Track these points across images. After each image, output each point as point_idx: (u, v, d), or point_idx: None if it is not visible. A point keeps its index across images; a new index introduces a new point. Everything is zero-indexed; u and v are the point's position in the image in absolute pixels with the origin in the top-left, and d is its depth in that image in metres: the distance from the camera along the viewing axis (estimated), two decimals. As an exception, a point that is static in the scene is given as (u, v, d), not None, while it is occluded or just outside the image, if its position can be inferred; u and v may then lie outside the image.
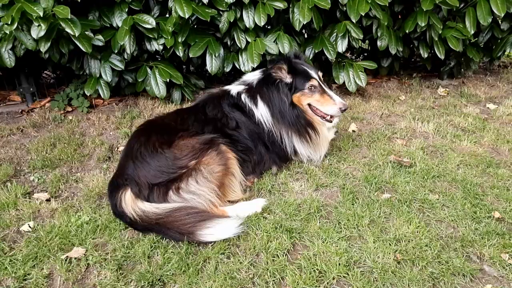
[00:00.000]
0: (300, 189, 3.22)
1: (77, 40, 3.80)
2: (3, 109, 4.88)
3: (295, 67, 3.28)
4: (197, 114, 3.27)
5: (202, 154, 2.97)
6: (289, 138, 3.30)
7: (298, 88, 3.25)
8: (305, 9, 4.05)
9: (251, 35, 4.34)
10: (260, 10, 4.09)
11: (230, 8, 4.20)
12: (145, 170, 2.85)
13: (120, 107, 4.89)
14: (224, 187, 3.01)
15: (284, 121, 3.23)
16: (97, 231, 2.82)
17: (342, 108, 3.23)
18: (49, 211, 3.06)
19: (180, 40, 4.19)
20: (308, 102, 3.28)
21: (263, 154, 3.35)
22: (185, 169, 2.88)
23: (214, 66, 4.42)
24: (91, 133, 4.30)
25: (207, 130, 3.17)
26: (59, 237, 2.76)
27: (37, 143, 4.03)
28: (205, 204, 2.83)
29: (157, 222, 2.68)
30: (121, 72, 4.64)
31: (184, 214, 2.70)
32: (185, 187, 2.84)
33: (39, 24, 3.54)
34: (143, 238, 2.71)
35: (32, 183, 3.45)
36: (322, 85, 3.29)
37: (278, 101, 3.22)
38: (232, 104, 3.32)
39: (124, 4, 4.09)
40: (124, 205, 2.77)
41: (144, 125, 3.27)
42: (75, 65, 4.44)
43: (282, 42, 4.27)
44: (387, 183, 3.29)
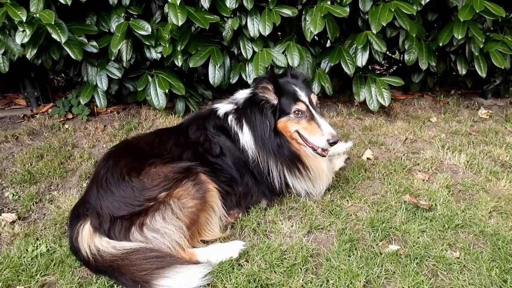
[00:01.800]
0: (290, 230, 2.74)
1: (66, 46, 3.53)
2: (7, 113, 4.76)
3: (282, 87, 2.79)
4: (178, 136, 2.87)
5: (176, 185, 2.58)
6: (277, 171, 2.82)
7: (284, 112, 2.76)
8: (318, 17, 3.54)
9: (258, 44, 3.90)
10: (265, 18, 3.63)
11: (234, 14, 3.78)
12: (108, 200, 2.50)
13: (121, 116, 4.61)
14: (198, 225, 2.59)
15: (266, 150, 2.76)
16: (50, 267, 2.50)
17: (330, 140, 2.68)
18: (10, 236, 2.79)
19: (180, 49, 3.83)
20: (296, 129, 2.78)
21: (251, 186, 2.90)
22: (153, 202, 2.50)
23: (217, 77, 4.02)
24: (83, 145, 4.05)
25: (186, 156, 2.77)
26: (8, 271, 2.47)
27: (25, 154, 3.82)
28: (170, 245, 2.42)
29: (111, 264, 2.31)
30: (122, 80, 4.36)
31: (141, 258, 2.31)
32: (150, 224, 2.46)
33: (24, 29, 3.31)
34: (95, 281, 2.36)
35: (6, 199, 3.22)
36: (311, 110, 2.77)
37: (260, 126, 2.74)
38: (218, 126, 2.90)
39: (121, 9, 3.79)
40: (80, 239, 2.44)
41: (117, 146, 2.93)
42: (72, 72, 4.20)
43: (292, 53, 3.79)
44: (397, 230, 2.72)
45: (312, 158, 2.90)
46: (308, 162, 2.89)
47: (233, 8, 3.60)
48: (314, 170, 2.92)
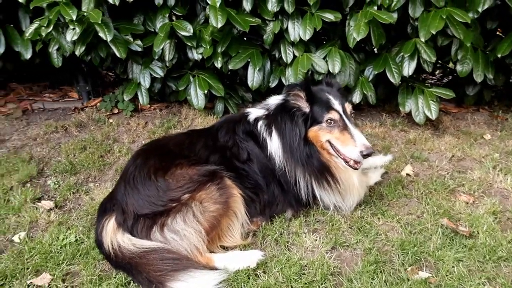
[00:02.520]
0: (313, 244, 2.63)
1: (112, 44, 3.67)
2: (61, 105, 5.05)
3: (315, 94, 2.69)
4: (208, 138, 2.87)
5: (199, 187, 2.58)
6: (305, 181, 2.72)
7: (316, 121, 2.65)
8: (362, 22, 3.37)
9: (299, 48, 3.80)
10: (306, 22, 3.53)
11: (276, 17, 3.71)
12: (134, 197, 2.55)
13: (163, 114, 4.72)
14: (218, 230, 2.57)
15: (294, 159, 2.66)
16: (76, 257, 2.61)
17: (363, 151, 2.53)
18: (45, 223, 2.94)
19: (220, 50, 3.83)
20: (328, 139, 2.67)
21: (277, 195, 2.82)
22: (176, 203, 2.52)
23: (256, 81, 3.98)
24: (123, 140, 4.19)
25: (213, 159, 2.76)
26: (38, 257, 2.60)
27: (70, 145, 4.02)
28: (188, 248, 2.42)
29: (130, 261, 2.36)
30: (165, 79, 4.46)
31: (158, 258, 2.33)
32: (170, 225, 2.47)
33: (74, 27, 3.48)
34: (114, 276, 2.41)
35: (47, 187, 3.40)
36: (344, 119, 2.64)
37: (290, 134, 2.66)
38: (247, 131, 2.85)
39: (166, 9, 3.87)
40: (105, 234, 2.51)
41: (148, 145, 2.98)
42: (119, 69, 4.36)
43: (333, 59, 3.65)
44: (429, 255, 2.52)
45: (343, 171, 2.77)
46: (338, 174, 2.76)
47: (274, 11, 3.53)
48: (344, 183, 2.79)
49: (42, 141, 4.16)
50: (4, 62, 4.58)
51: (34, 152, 3.96)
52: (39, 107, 5.00)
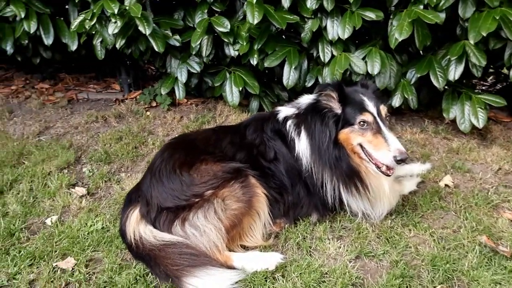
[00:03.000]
0: (336, 252, 2.52)
1: (151, 38, 3.74)
2: (104, 96, 5.24)
3: (348, 95, 2.58)
4: (235, 135, 2.84)
5: (223, 184, 2.56)
6: (332, 185, 2.61)
7: (348, 123, 2.54)
8: (405, 22, 3.18)
9: (338, 48, 3.67)
10: (346, 21, 3.39)
11: (315, 15, 3.61)
12: (158, 190, 2.57)
13: (198, 109, 4.76)
14: (239, 229, 2.54)
15: (322, 161, 2.56)
16: (100, 244, 2.68)
17: (397, 156, 2.38)
18: (76, 209, 3.05)
19: (256, 47, 3.79)
20: (359, 142, 2.54)
21: (302, 197, 2.74)
22: (198, 198, 2.51)
23: (291, 79, 3.89)
24: (158, 133, 4.26)
25: (239, 156, 2.72)
26: (66, 241, 2.70)
27: (107, 135, 4.15)
28: (208, 245, 2.40)
29: (149, 253, 2.38)
30: (202, 74, 4.49)
31: (177, 253, 2.34)
32: (192, 220, 2.47)
33: (116, 21, 3.57)
34: (134, 266, 2.45)
35: (82, 174, 3.53)
36: (378, 122, 2.50)
37: (319, 135, 2.56)
38: (276, 130, 2.79)
39: (205, 5, 3.88)
40: (128, 224, 2.55)
41: (176, 139, 3.00)
42: (158, 63, 4.45)
43: (373, 60, 3.48)
44: (463, 275, 2.33)
45: (374, 177, 2.63)
46: (369, 180, 2.63)
47: (313, 9, 3.43)
48: (374, 190, 2.65)
49: (83, 130, 4.33)
50: (53, 53, 4.81)
51: (74, 140, 4.13)
52: (83, 97, 5.22)
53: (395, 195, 2.79)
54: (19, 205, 3.05)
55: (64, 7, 4.47)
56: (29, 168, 3.55)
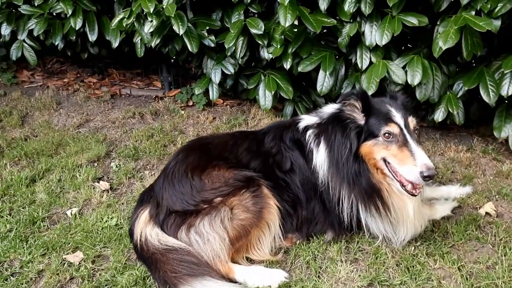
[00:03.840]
0: (347, 276, 2.32)
1: (186, 37, 3.74)
2: (145, 92, 5.37)
3: (373, 105, 2.38)
4: (252, 142, 2.73)
5: (233, 193, 2.48)
6: (349, 202, 2.42)
7: (372, 134, 2.33)
8: (451, 30, 2.87)
9: (378, 54, 3.42)
10: (385, 26, 3.13)
11: (354, 19, 3.39)
12: (169, 192, 2.55)
13: (233, 111, 4.72)
14: (246, 240, 2.44)
15: (340, 175, 2.37)
16: (111, 240, 2.71)
17: (424, 172, 2.13)
18: (96, 203, 3.11)
19: (290, 51, 3.64)
20: (383, 156, 2.32)
21: (317, 212, 2.57)
22: (207, 205, 2.45)
23: (325, 85, 3.70)
24: (189, 132, 4.27)
25: (254, 164, 2.62)
26: (81, 234, 2.76)
27: (140, 131, 4.23)
28: (210, 254, 2.33)
29: (151, 256, 2.35)
30: (238, 75, 4.44)
31: (177, 260, 2.29)
32: (197, 227, 2.41)
33: (152, 20, 3.62)
34: (137, 268, 2.43)
35: (109, 169, 3.61)
36: (405, 134, 2.27)
37: (339, 147, 2.37)
38: (294, 139, 2.64)
39: (242, 6, 3.80)
40: (137, 224, 2.55)
41: (193, 141, 2.96)
42: (195, 63, 4.46)
43: (414, 69, 3.19)
44: (491, 320, 2.04)
45: (398, 197, 2.40)
46: (391, 200, 2.40)
47: (351, 12, 3.21)
48: (396, 211, 2.41)
49: (119, 125, 4.45)
50: (100, 49, 5.01)
51: (109, 134, 4.26)
52: (126, 93, 5.38)
53: (422, 219, 2.52)
54: (46, 194, 3.18)
55: (111, 5, 4.62)
56: (62, 159, 3.70)
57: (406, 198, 2.36)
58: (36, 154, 3.82)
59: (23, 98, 5.10)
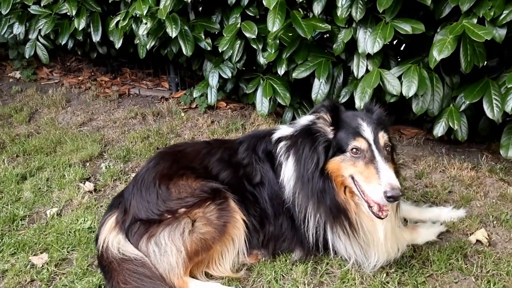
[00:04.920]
0: (307, 301, 2.18)
1: (181, 40, 3.71)
2: (152, 93, 5.40)
3: (344, 119, 2.22)
4: (225, 152, 2.63)
5: (198, 204, 2.41)
6: (314, 221, 2.27)
7: (340, 149, 2.17)
8: (448, 38, 2.63)
9: (375, 62, 3.22)
10: (377, 33, 2.93)
11: (349, 24, 3.20)
12: (136, 200, 2.52)
13: (233, 115, 4.64)
14: (206, 255, 2.35)
15: (305, 191, 2.23)
16: (81, 244, 2.70)
17: (388, 193, 1.95)
18: (76, 204, 3.13)
19: (285, 56, 3.51)
20: (351, 173, 2.15)
21: (285, 229, 2.44)
22: (170, 215, 2.39)
23: (320, 93, 3.54)
24: (185, 135, 4.24)
25: (223, 176, 2.52)
26: (53, 235, 2.77)
27: (138, 132, 4.24)
28: (166, 267, 2.27)
29: (108, 265, 2.32)
30: (238, 79, 4.36)
31: (131, 270, 2.25)
32: (157, 237, 2.36)
33: (146, 22, 3.60)
34: (97, 276, 2.40)
35: (99, 170, 3.63)
36: (373, 150, 2.10)
37: (306, 161, 2.24)
38: (267, 151, 2.53)
39: (238, 8, 3.71)
40: (102, 230, 2.52)
41: (167, 148, 2.90)
42: (195, 66, 4.42)
43: (410, 79, 2.96)
44: None
45: (367, 217, 2.25)
46: (359, 221, 2.24)
47: (342, 17, 3.03)
48: (366, 233, 2.25)
49: (119, 125, 4.49)
50: (109, 49, 5.08)
51: (107, 134, 4.30)
52: (135, 93, 5.44)
53: (397, 243, 2.33)
54: (32, 193, 3.24)
55: (118, 5, 4.65)
56: (57, 157, 3.77)
57: (377, 219, 2.18)
58: (35, 152, 3.92)
59: (36, 95, 5.27)
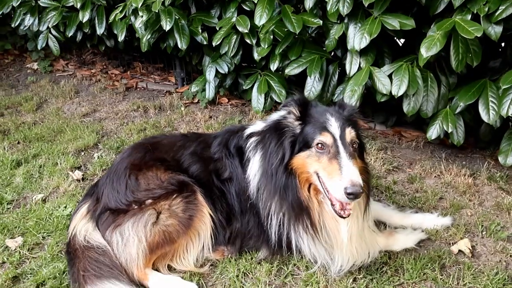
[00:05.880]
0: (265, 301, 2.11)
1: (177, 33, 3.71)
2: (159, 87, 5.45)
3: (312, 114, 2.14)
4: (199, 145, 2.60)
5: (164, 196, 2.39)
6: (277, 219, 2.19)
7: (306, 145, 2.09)
8: (437, 35, 2.47)
9: (368, 59, 3.09)
10: (365, 28, 2.80)
11: (341, 20, 3.08)
12: (107, 189, 2.52)
13: (233, 111, 4.60)
14: (170, 247, 2.33)
15: (269, 188, 2.16)
16: (57, 230, 2.74)
17: (348, 189, 1.86)
18: (62, 191, 3.19)
19: (278, 52, 3.44)
20: (316, 169, 2.06)
21: (251, 227, 2.38)
22: (137, 206, 2.38)
23: (313, 90, 3.44)
24: (180, 129, 4.24)
25: (193, 169, 2.50)
26: (34, 220, 2.83)
27: (135, 125, 4.28)
28: (127, 257, 2.26)
29: (74, 251, 2.34)
30: (238, 75, 4.33)
31: (92, 258, 2.26)
32: (122, 227, 2.35)
33: (142, 14, 3.62)
34: (63, 261, 2.42)
35: (92, 159, 3.69)
36: (338, 145, 2.01)
37: (271, 156, 2.16)
38: (238, 146, 2.47)
39: (234, 3, 3.67)
40: (74, 217, 2.55)
41: (145, 139, 2.89)
42: (195, 60, 4.41)
43: (401, 77, 2.82)
44: None
45: (331, 217, 2.13)
46: (322, 220, 2.15)
47: (332, 12, 2.92)
48: (329, 234, 2.16)
49: (120, 117, 4.55)
50: (116, 42, 5.15)
51: (107, 125, 4.37)
52: (142, 86, 5.51)
53: (367, 247, 2.22)
54: (23, 179, 3.32)
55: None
56: (54, 145, 3.86)
57: (340, 219, 2.08)
58: (35, 140, 4.02)
59: (48, 86, 5.43)
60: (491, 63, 3.05)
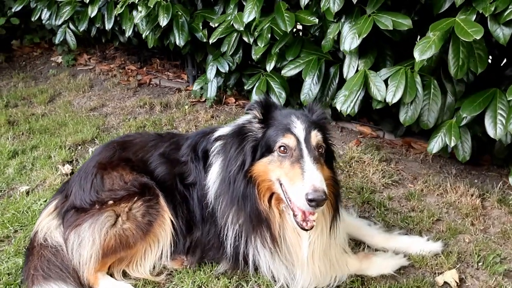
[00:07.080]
0: (213, 320, 1.95)
1: (176, 30, 3.62)
2: (171, 84, 5.41)
3: (275, 117, 1.97)
4: (169, 146, 2.48)
5: (126, 198, 2.30)
6: (233, 231, 2.02)
7: (268, 149, 1.91)
8: (434, 37, 2.18)
9: (367, 62, 2.82)
10: (358, 27, 2.54)
11: (338, 19, 2.84)
12: (76, 187, 2.46)
13: (237, 112, 4.46)
14: (126, 252, 2.23)
15: (227, 195, 1.99)
16: (30, 224, 2.73)
17: (309, 194, 1.66)
18: (47, 185, 3.19)
19: (274, 51, 3.25)
20: (278, 177, 1.87)
21: (212, 237, 2.22)
22: (99, 206, 2.30)
23: (310, 94, 3.21)
24: (179, 128, 4.16)
25: (159, 171, 2.38)
26: (13, 212, 2.84)
27: (137, 121, 4.25)
28: (80, 259, 2.17)
29: (31, 249, 2.29)
30: (242, 75, 4.19)
31: (45, 258, 2.21)
32: (81, 227, 2.27)
33: (141, 9, 3.57)
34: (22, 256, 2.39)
35: (85, 155, 3.68)
36: (302, 148, 1.82)
37: (231, 162, 1.99)
38: (204, 150, 2.32)
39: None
40: (43, 213, 2.51)
41: (119, 137, 2.80)
42: (199, 58, 4.31)
43: (397, 83, 2.54)
44: None
45: (292, 230, 1.93)
46: (282, 232, 1.96)
47: (324, 10, 2.67)
48: (289, 248, 1.96)
49: (125, 113, 4.54)
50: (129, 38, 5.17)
51: (109, 120, 4.37)
52: (155, 83, 5.49)
53: (334, 268, 2.00)
54: (14, 170, 3.36)
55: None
56: (53, 138, 3.89)
57: (302, 232, 1.87)
58: (39, 132, 4.09)
59: (65, 79, 5.54)
60: (508, 71, 2.69)
